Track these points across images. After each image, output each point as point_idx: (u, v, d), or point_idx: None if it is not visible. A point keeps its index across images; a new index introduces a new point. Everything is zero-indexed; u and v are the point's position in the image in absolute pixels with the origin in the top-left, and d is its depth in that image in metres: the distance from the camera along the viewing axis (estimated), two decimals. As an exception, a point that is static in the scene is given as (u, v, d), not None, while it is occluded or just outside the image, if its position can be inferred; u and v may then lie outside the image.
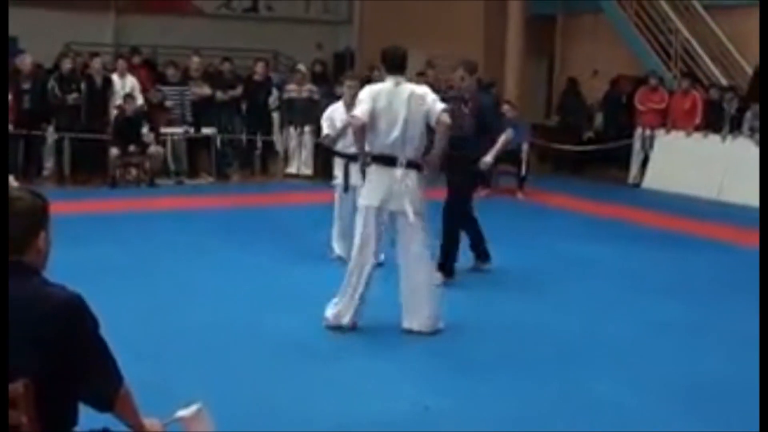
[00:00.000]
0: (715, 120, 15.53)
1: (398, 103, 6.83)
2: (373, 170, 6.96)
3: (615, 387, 5.93)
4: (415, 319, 6.94)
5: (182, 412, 3.21)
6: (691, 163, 15.32)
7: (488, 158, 8.66)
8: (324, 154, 13.64)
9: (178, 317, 7.11)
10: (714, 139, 15.34)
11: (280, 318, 7.21)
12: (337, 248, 9.14)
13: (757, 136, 14.57)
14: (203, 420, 3.25)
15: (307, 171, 15.91)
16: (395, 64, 7.02)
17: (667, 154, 15.95)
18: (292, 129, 15.95)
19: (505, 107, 15.32)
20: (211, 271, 8.79)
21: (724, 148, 15.13)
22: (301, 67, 16.54)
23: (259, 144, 16.36)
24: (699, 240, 11.35)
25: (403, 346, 6.63)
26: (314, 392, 5.60)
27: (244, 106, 16.14)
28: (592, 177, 17.11)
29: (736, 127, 15.10)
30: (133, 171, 14.58)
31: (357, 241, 7.00)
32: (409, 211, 6.84)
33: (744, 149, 14.75)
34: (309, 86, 16.04)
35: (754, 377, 6.14)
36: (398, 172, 6.84)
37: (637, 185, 16.19)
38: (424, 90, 7.07)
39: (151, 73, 16.68)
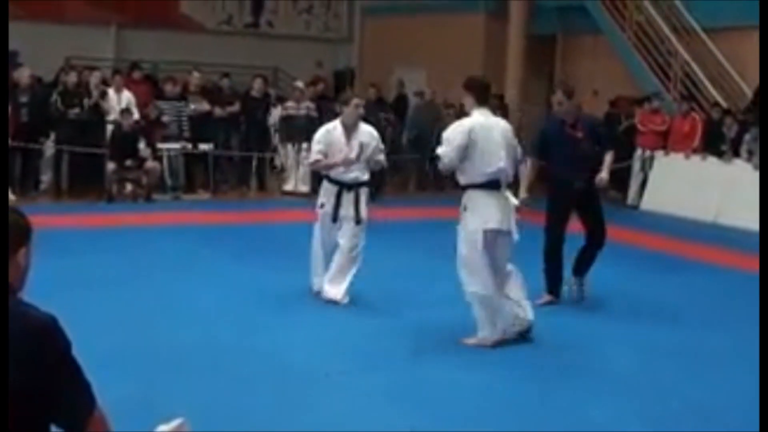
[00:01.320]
0: (713, 142, 15.53)
1: (495, 135, 7.16)
2: (480, 195, 7.14)
3: (614, 412, 5.89)
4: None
5: (163, 427, 3.14)
6: (689, 186, 15.29)
7: (604, 174, 8.69)
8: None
9: (168, 333, 7.08)
10: (712, 161, 15.32)
11: (271, 335, 7.19)
12: (317, 283, 8.51)
13: (755, 159, 14.54)
14: (185, 435, 3.18)
15: (304, 188, 15.86)
16: (485, 96, 7.38)
17: (666, 176, 15.92)
18: (290, 146, 15.93)
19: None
20: (204, 287, 8.74)
21: (721, 171, 15.10)
22: (300, 84, 16.53)
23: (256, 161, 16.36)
24: (698, 263, 11.30)
25: (391, 367, 6.57)
26: (299, 410, 5.55)
27: (242, 123, 16.16)
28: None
29: (734, 151, 15.09)
30: (129, 186, 14.55)
31: (469, 269, 7.11)
32: (514, 228, 7.20)
33: (741, 172, 14.73)
34: (307, 103, 16.02)
35: (736, 403, 6.14)
36: (505, 193, 7.26)
37: (635, 207, 16.14)
38: (508, 125, 7.51)
39: (151, 88, 16.69)
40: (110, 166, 14.01)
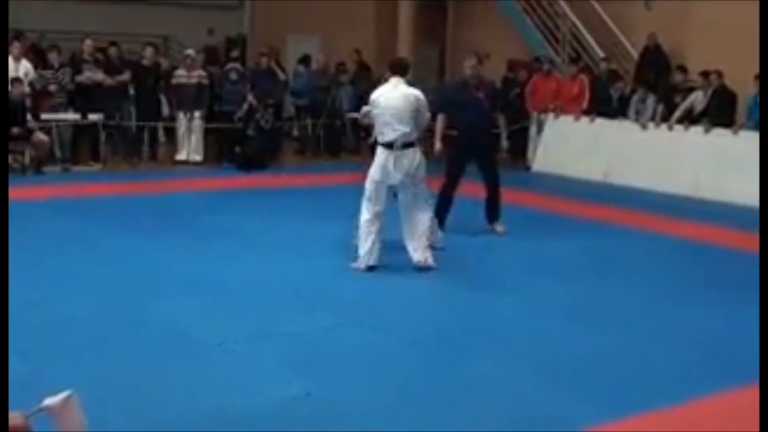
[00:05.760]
0: (602, 104, 15.83)
1: None
2: None
3: (498, 367, 5.99)
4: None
5: (49, 401, 3.10)
6: (579, 147, 15.58)
7: (504, 142, 11.21)
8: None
9: (59, 307, 6.96)
10: (601, 123, 15.63)
11: (165, 306, 7.11)
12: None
13: (642, 119, 14.92)
14: (72, 408, 3.14)
15: (197, 157, 15.73)
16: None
17: (557, 138, 16.17)
18: (181, 115, 15.72)
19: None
20: (97, 260, 8.59)
21: (610, 132, 15.42)
22: (191, 52, 16.29)
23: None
24: (590, 222, 11.51)
25: (286, 333, 6.57)
26: (193, 379, 5.52)
27: (132, 92, 15.86)
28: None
29: (621, 112, 15.42)
30: (19, 158, 14.17)
31: None
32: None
33: (629, 132, 15.08)
34: (199, 72, 15.83)
35: (628, 356, 6.32)
36: None
37: (528, 168, 16.36)
38: None
39: (37, 57, 16.22)
40: (-5, 137, 13.59)
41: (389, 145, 8.32)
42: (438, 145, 9.99)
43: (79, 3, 21.99)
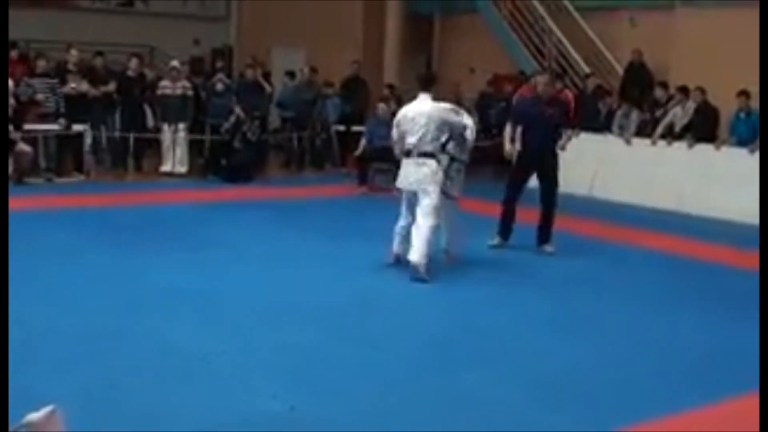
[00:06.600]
0: (589, 118, 15.87)
1: None
2: None
3: (486, 381, 5.99)
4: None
5: (32, 416, 3.10)
6: (565, 161, 15.59)
7: (566, 143, 10.72)
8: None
9: (42, 321, 6.86)
10: (585, 137, 15.67)
11: (150, 318, 7.06)
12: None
13: (626, 134, 15.01)
14: (56, 423, 3.14)
15: (182, 169, 15.68)
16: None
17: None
18: (166, 126, 15.69)
19: (381, 105, 15.39)
20: (81, 272, 8.52)
21: (595, 146, 15.47)
22: (176, 63, 16.27)
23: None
24: (574, 236, 11.50)
25: (272, 346, 6.55)
26: (177, 392, 5.50)
27: (117, 103, 15.83)
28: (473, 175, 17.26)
29: (607, 126, 15.49)
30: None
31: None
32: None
33: (614, 147, 15.16)
34: (183, 83, 15.80)
35: (615, 369, 6.35)
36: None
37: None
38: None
39: (26, 68, 16.17)
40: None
41: (407, 153, 8.87)
42: (508, 146, 10.41)
43: (64, 13, 21.99)
